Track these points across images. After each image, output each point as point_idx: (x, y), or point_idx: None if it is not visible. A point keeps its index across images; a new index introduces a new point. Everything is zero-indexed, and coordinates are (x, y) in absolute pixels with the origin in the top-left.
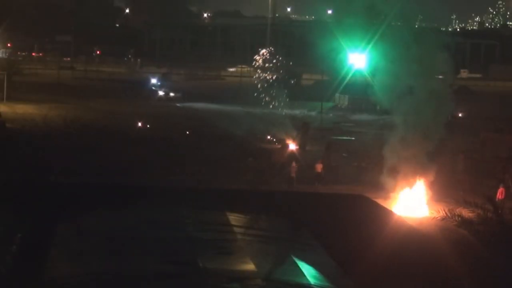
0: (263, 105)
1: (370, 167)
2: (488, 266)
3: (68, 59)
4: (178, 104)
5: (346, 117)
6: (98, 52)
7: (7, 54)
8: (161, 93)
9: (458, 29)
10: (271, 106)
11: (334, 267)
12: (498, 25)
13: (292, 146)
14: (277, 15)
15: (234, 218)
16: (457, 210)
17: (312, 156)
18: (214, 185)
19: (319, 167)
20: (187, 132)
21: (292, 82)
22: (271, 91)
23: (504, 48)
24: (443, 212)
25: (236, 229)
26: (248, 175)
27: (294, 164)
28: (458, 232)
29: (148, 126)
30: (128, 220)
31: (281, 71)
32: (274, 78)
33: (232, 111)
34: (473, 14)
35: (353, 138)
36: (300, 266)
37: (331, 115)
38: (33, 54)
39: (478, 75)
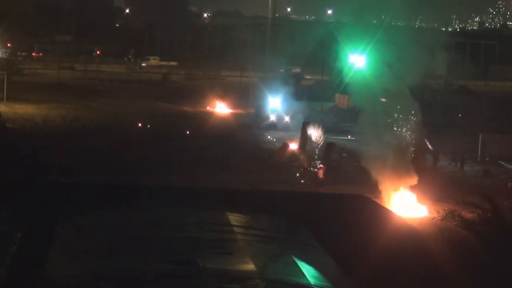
0: None
1: (370, 167)
2: (489, 266)
3: (68, 59)
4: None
5: (346, 117)
6: (98, 52)
7: (7, 54)
8: (272, 117)
9: (458, 29)
10: None
11: (334, 267)
12: (498, 25)
13: (292, 146)
14: (277, 15)
15: (234, 218)
16: (457, 210)
17: (312, 156)
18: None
19: (320, 171)
20: (187, 132)
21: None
22: None
23: (504, 48)
24: (443, 212)
25: (236, 229)
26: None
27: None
28: (458, 233)
29: (148, 126)
30: (128, 220)
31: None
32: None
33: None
34: (473, 14)
35: (353, 138)
36: (300, 266)
37: (331, 115)
38: (33, 54)
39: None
